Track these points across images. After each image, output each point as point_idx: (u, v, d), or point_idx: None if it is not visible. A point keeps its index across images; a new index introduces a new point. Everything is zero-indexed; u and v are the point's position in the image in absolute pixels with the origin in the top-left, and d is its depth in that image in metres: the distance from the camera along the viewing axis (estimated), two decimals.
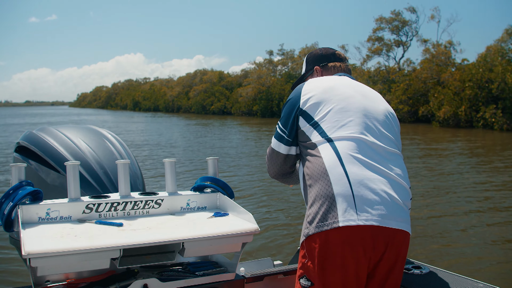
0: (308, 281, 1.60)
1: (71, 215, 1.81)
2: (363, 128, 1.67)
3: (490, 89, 27.11)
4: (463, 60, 33.47)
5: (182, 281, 1.78)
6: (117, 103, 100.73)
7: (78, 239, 1.56)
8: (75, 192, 1.84)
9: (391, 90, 35.07)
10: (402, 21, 39.76)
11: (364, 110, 1.72)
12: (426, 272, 1.98)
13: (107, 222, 1.78)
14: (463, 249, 5.81)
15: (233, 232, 1.74)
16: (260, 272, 2.15)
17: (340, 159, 1.59)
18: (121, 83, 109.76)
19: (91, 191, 2.22)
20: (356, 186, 1.54)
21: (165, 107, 71.75)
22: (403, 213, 1.60)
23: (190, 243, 1.67)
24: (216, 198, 2.10)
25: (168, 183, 2.05)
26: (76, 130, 2.61)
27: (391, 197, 1.57)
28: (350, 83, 1.83)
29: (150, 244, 1.59)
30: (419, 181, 10.24)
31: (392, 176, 1.62)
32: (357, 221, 1.51)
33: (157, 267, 1.93)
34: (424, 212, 7.54)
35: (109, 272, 1.84)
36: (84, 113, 77.81)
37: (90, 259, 1.53)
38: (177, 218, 1.92)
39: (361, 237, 1.53)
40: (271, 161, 1.87)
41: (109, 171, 2.32)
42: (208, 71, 66.94)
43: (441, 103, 29.55)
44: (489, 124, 26.20)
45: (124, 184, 1.93)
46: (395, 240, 1.57)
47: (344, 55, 2.05)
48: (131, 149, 2.64)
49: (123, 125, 36.43)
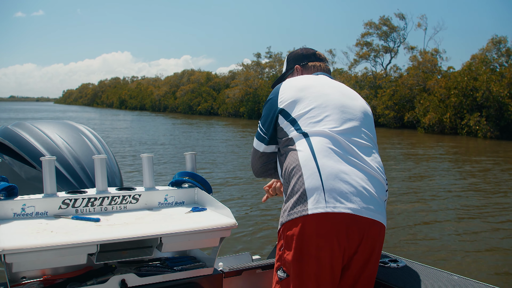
0: (284, 272, 1.61)
1: (47, 210, 1.79)
2: (339, 123, 1.70)
3: (475, 97, 27.40)
4: (449, 67, 33.85)
5: (160, 276, 1.78)
6: (103, 100, 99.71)
7: (54, 235, 1.55)
8: (51, 188, 1.82)
9: (377, 96, 35.29)
10: (390, 27, 40.07)
11: (341, 106, 1.76)
12: (402, 265, 1.99)
13: (84, 218, 1.77)
14: (438, 243, 5.96)
15: (211, 226, 1.74)
16: (238, 266, 2.15)
17: (313, 153, 1.62)
18: (107, 81, 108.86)
19: (68, 187, 2.20)
20: (328, 179, 1.57)
21: (151, 106, 71.25)
22: (378, 206, 1.61)
23: (167, 238, 1.66)
24: (194, 193, 2.10)
25: (145, 178, 2.04)
26: (52, 125, 2.57)
27: (365, 189, 1.59)
28: (328, 81, 1.88)
29: (128, 239, 1.58)
30: (399, 180, 10.36)
31: (367, 169, 1.64)
32: (325, 209, 1.52)
33: (135, 263, 1.91)
34: (401, 207, 7.78)
35: (87, 268, 1.82)
36: (69, 110, 77.10)
37: (66, 254, 1.51)
38: (154, 213, 1.92)
39: (334, 226, 1.53)
40: (253, 159, 1.91)
41: (86, 166, 2.30)
42: (196, 71, 66.67)
43: (427, 109, 29.79)
44: (473, 131, 26.46)
45: (101, 179, 1.92)
46: (370, 232, 1.58)
47: (324, 55, 2.11)
48: (114, 146, 2.60)
49: (108, 122, 36.03)
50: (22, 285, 1.73)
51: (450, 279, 1.81)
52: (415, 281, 1.81)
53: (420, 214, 7.51)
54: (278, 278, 1.63)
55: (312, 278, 1.56)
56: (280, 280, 1.62)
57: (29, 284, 1.74)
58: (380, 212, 1.61)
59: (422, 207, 8.10)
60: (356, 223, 1.55)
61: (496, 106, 26.12)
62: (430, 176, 11.62)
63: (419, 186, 10.11)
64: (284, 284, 1.61)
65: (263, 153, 1.85)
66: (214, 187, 9.07)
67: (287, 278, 1.60)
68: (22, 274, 1.76)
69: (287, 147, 1.71)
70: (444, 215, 7.51)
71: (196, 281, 1.85)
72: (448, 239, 6.15)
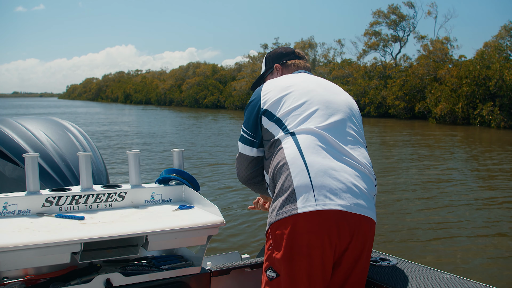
0: (274, 272, 1.59)
1: (30, 208, 1.76)
2: (325, 119, 1.69)
3: (488, 86, 26.93)
4: (461, 56, 33.40)
5: (146, 275, 1.75)
6: (107, 95, 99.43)
7: (36, 233, 1.52)
8: (34, 185, 1.79)
9: (387, 86, 34.83)
10: (399, 16, 39.47)
11: (325, 102, 1.74)
12: (393, 263, 1.99)
13: (68, 216, 1.74)
14: (429, 242, 5.88)
15: (198, 224, 1.72)
16: (226, 265, 2.12)
17: (300, 151, 1.60)
18: (112, 75, 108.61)
19: (52, 184, 2.18)
20: (317, 176, 1.55)
21: (157, 100, 70.94)
22: (368, 201, 1.61)
23: (153, 236, 1.64)
24: (182, 190, 2.08)
25: (131, 175, 2.02)
26: (36, 121, 2.53)
27: (355, 185, 1.58)
28: (310, 78, 1.87)
29: (112, 237, 1.56)
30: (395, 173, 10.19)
31: (356, 165, 1.64)
32: (315, 207, 1.51)
33: (120, 262, 1.90)
34: (391, 205, 7.70)
35: (70, 267, 1.79)
36: (74, 105, 76.94)
37: (49, 253, 1.49)
38: (140, 211, 1.90)
39: (325, 224, 1.52)
40: (239, 165, 1.89)
41: (71, 163, 2.27)
42: (201, 64, 66.38)
43: (438, 99, 29.37)
44: (486, 121, 26.06)
45: (86, 176, 1.89)
46: (361, 228, 1.58)
47: (303, 53, 2.09)
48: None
49: (112, 117, 35.88)
50: (3, 285, 1.69)
51: (441, 277, 1.81)
52: (406, 279, 1.80)
53: (414, 212, 7.38)
54: (268, 278, 1.61)
55: (304, 277, 1.54)
56: (270, 280, 1.60)
57: (10, 284, 1.70)
58: (370, 208, 1.60)
59: (415, 203, 7.94)
60: (346, 220, 1.54)
61: (509, 95, 25.65)
62: (443, 176, 11.34)
63: (410, 182, 9.88)
64: (274, 283, 1.59)
65: (254, 158, 1.82)
66: (204, 183, 8.99)
67: (277, 278, 1.58)
68: (3, 274, 1.74)
69: (274, 148, 1.69)
70: (439, 212, 7.40)
71: (183, 280, 1.83)
72: (443, 237, 6.06)
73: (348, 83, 37.73)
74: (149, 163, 12.01)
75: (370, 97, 35.06)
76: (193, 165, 11.67)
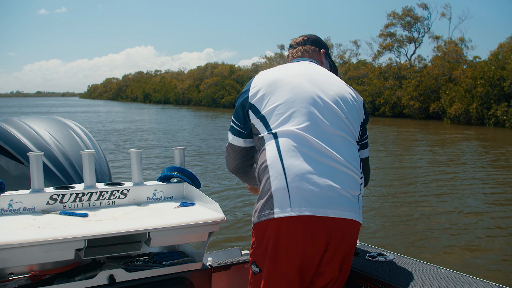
0: (257, 267, 1.65)
1: (34, 206, 1.79)
2: (307, 119, 1.65)
3: (502, 86, 26.97)
4: (475, 57, 33.32)
5: (148, 271, 1.78)
6: (127, 95, 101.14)
7: (41, 230, 1.54)
8: (38, 183, 1.81)
9: (402, 86, 35.00)
10: (414, 17, 39.61)
11: (310, 98, 1.70)
12: (390, 259, 2.00)
13: (72, 213, 1.76)
14: (428, 238, 6.02)
15: (199, 221, 1.75)
16: (227, 261, 2.15)
17: (280, 155, 1.61)
18: (131, 75, 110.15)
19: (56, 182, 2.18)
20: (293, 181, 1.56)
21: (175, 100, 72.00)
22: (348, 203, 1.59)
23: (156, 232, 1.67)
24: (183, 188, 2.10)
25: (134, 173, 2.04)
26: (40, 120, 2.56)
27: (332, 187, 1.57)
28: (301, 70, 1.81)
29: (115, 234, 1.58)
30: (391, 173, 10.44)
31: (336, 165, 1.61)
32: (290, 212, 1.54)
33: (123, 258, 1.91)
34: (387, 202, 7.85)
35: (74, 264, 1.81)
36: (95, 104, 78.13)
37: (53, 250, 1.50)
38: (143, 208, 1.92)
39: (300, 229, 1.55)
40: (228, 155, 1.91)
41: (75, 162, 2.29)
42: (219, 64, 67.08)
43: (453, 100, 29.46)
44: (500, 122, 26.10)
45: (89, 174, 1.92)
46: (338, 231, 1.58)
47: (307, 37, 2.05)
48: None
49: (132, 115, 36.74)
50: (9, 281, 1.72)
51: (438, 272, 1.83)
52: (402, 274, 1.81)
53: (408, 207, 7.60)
54: (253, 271, 1.68)
55: (281, 278, 1.59)
56: (254, 274, 1.67)
57: (16, 280, 1.72)
58: (350, 209, 1.59)
59: (411, 200, 8.16)
60: (323, 224, 1.55)
61: None
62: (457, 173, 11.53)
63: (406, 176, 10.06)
64: (257, 278, 1.65)
65: (243, 148, 1.83)
66: (204, 181, 9.27)
67: (260, 273, 1.64)
68: (9, 270, 1.76)
69: (260, 145, 1.70)
70: (436, 207, 7.57)
71: (185, 276, 1.84)
72: (440, 233, 6.21)
73: (363, 83, 38.07)
74: (166, 160, 12.46)
75: (385, 97, 35.34)
76: (198, 161, 11.98)
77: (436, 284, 1.70)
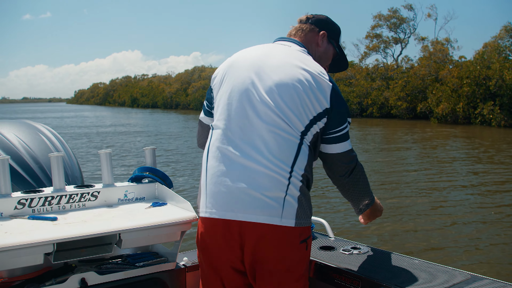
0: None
1: (1, 211, 1.76)
2: (235, 114, 1.57)
3: (488, 86, 27.28)
4: (461, 57, 33.67)
5: (121, 273, 1.75)
6: (115, 99, 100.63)
7: (8, 236, 1.51)
8: (5, 188, 1.77)
9: (389, 87, 35.24)
10: (400, 19, 39.92)
11: (245, 90, 1.58)
12: (364, 252, 2.00)
13: (40, 217, 1.74)
14: (410, 232, 6.08)
15: (171, 221, 1.74)
16: None
17: (207, 154, 1.61)
18: (119, 80, 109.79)
19: (26, 186, 2.14)
20: (210, 183, 1.56)
21: (163, 104, 71.89)
22: (262, 205, 1.48)
23: (126, 234, 1.66)
24: (155, 188, 2.09)
25: (104, 174, 2.01)
26: (8, 124, 2.50)
27: (244, 190, 1.49)
28: (257, 53, 1.67)
29: (85, 236, 1.56)
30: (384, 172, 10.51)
31: (254, 166, 1.50)
32: (205, 214, 1.56)
33: (95, 261, 1.88)
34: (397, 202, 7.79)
35: (45, 269, 1.77)
36: (82, 109, 77.59)
37: (22, 255, 1.48)
38: (114, 210, 1.90)
39: (211, 231, 1.56)
40: (198, 131, 1.92)
41: (45, 165, 2.25)
42: (207, 67, 67.17)
43: (439, 100, 29.73)
44: (487, 120, 26.39)
45: (58, 177, 1.88)
46: (250, 236, 1.50)
47: (312, 15, 1.88)
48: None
49: (122, 120, 36.52)
50: None
51: (411, 262, 1.85)
52: (377, 267, 1.82)
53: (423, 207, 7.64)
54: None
55: (203, 275, 1.64)
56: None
57: None
58: (264, 213, 1.47)
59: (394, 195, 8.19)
60: (236, 227, 1.50)
61: (509, 95, 25.95)
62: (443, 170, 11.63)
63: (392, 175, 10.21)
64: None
65: (207, 126, 1.77)
66: (179, 181, 9.29)
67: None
68: None
69: None
70: (413, 200, 7.65)
71: (159, 276, 1.83)
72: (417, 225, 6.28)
73: (351, 84, 38.27)
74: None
75: (372, 98, 35.53)
76: (167, 162, 12.01)
77: (409, 275, 1.71)
